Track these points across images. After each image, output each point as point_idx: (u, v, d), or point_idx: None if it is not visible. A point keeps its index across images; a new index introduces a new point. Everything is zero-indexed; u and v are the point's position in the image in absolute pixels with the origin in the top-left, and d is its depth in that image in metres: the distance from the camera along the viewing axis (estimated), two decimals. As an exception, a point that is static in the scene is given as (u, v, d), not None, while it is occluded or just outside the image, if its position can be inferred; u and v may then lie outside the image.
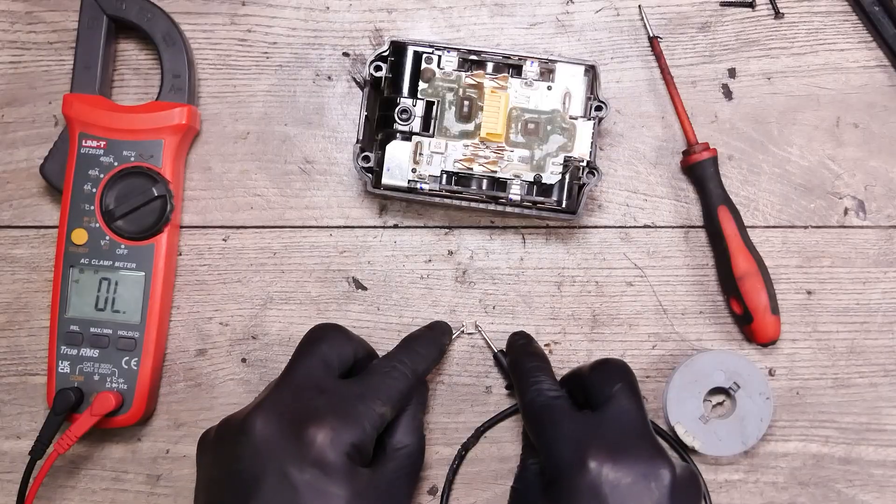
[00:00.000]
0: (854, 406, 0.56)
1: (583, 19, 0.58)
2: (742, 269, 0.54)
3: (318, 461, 0.43)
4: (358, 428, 0.44)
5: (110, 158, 0.54)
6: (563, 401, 0.48)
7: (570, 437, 0.45)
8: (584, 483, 0.43)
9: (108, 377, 0.53)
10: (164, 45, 0.55)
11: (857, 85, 0.57)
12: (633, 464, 0.44)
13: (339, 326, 0.50)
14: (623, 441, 0.45)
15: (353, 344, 0.50)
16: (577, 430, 0.46)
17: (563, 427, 0.46)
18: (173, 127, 0.54)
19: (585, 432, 0.45)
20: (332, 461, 0.43)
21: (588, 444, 0.44)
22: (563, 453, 0.45)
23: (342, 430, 0.44)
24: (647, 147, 0.57)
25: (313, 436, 0.43)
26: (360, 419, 0.45)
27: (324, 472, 0.43)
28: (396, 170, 0.53)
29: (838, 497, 0.56)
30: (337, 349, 0.48)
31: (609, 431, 0.45)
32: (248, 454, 0.43)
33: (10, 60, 0.57)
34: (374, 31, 0.58)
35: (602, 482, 0.43)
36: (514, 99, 0.52)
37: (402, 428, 0.49)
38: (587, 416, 0.47)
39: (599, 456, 0.44)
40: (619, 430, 0.45)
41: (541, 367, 0.51)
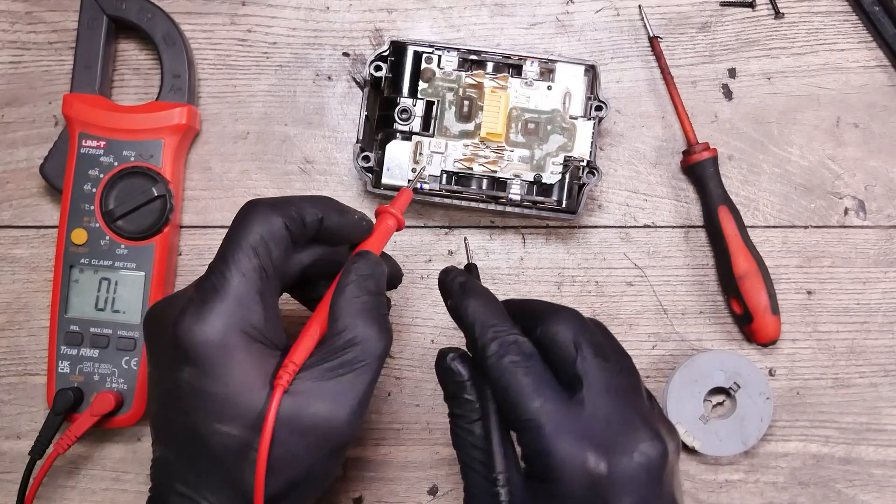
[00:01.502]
0: (854, 406, 0.56)
1: (583, 19, 0.58)
2: (742, 269, 0.54)
3: (190, 358, 0.38)
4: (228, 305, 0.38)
5: (110, 158, 0.54)
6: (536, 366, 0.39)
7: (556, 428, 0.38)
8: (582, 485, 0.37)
9: (108, 377, 0.53)
10: (163, 45, 0.55)
11: (857, 85, 0.57)
12: (628, 454, 0.37)
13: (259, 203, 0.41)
14: (610, 429, 0.38)
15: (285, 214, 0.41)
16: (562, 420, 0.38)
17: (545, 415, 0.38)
18: (173, 127, 0.54)
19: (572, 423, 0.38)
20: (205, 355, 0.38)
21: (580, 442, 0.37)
22: (551, 448, 0.37)
23: (207, 314, 0.38)
24: (647, 147, 0.57)
25: (179, 330, 0.38)
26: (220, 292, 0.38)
27: (200, 368, 0.38)
28: (396, 170, 0.53)
29: (838, 497, 0.56)
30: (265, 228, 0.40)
31: (594, 421, 0.38)
32: (147, 354, 0.42)
33: (10, 60, 0.57)
34: (374, 31, 0.58)
35: (600, 482, 0.37)
36: (514, 99, 0.52)
37: (336, 307, 0.40)
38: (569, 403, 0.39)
39: (592, 453, 0.37)
40: (603, 418, 0.38)
41: (496, 312, 0.41)
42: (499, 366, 0.39)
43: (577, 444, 0.37)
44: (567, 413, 0.38)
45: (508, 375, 0.39)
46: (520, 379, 0.38)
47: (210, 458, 0.39)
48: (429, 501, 0.56)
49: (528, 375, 0.39)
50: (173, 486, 0.40)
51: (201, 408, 0.38)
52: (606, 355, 0.40)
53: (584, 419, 0.38)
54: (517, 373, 0.39)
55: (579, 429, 0.38)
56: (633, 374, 0.41)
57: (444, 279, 0.44)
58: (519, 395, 0.38)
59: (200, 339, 0.38)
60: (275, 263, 0.40)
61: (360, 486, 0.55)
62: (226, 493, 0.39)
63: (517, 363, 0.39)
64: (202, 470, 0.39)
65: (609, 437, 0.38)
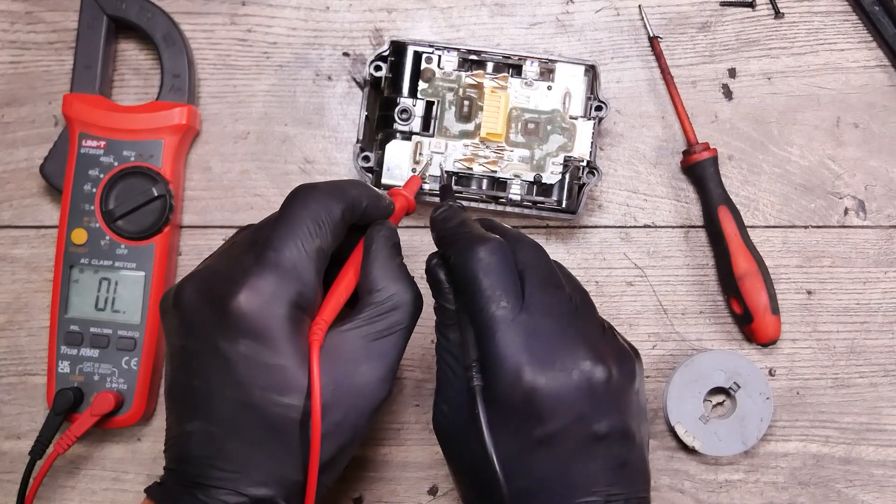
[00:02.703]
0: (854, 406, 0.56)
1: (583, 19, 0.58)
2: (742, 269, 0.54)
3: (250, 331, 0.38)
4: (283, 280, 0.39)
5: (110, 158, 0.54)
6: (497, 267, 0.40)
7: (501, 336, 0.39)
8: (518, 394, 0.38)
9: (108, 377, 0.53)
10: (163, 45, 0.55)
11: (857, 85, 0.57)
12: (566, 371, 0.38)
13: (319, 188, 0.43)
14: (551, 347, 0.39)
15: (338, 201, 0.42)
16: (508, 330, 0.39)
17: (495, 322, 0.39)
18: (173, 127, 0.54)
19: (517, 336, 0.39)
20: (266, 327, 0.38)
21: (520, 353, 0.38)
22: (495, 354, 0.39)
23: (268, 288, 0.39)
24: (647, 147, 0.57)
25: (238, 303, 0.38)
26: (281, 268, 0.39)
27: (259, 342, 0.39)
28: (396, 170, 0.53)
29: (838, 497, 0.56)
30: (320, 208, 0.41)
31: (538, 337, 0.39)
32: (183, 330, 0.40)
33: (10, 60, 0.57)
34: (374, 31, 0.58)
35: (536, 394, 0.38)
36: (514, 99, 0.52)
37: (374, 272, 0.42)
38: (519, 317, 0.39)
39: (530, 366, 0.38)
40: (546, 336, 0.39)
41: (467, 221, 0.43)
42: (464, 264, 0.40)
43: (517, 354, 0.38)
44: (514, 325, 0.39)
45: (471, 274, 0.40)
46: (481, 280, 0.39)
47: (267, 429, 0.39)
48: (429, 501, 0.56)
49: (489, 277, 0.40)
50: (213, 462, 0.39)
51: (259, 380, 0.39)
52: (556, 282, 0.41)
53: (528, 334, 0.39)
54: (480, 274, 0.40)
55: (523, 342, 0.39)
56: (585, 305, 0.42)
57: (432, 217, 0.46)
58: (479, 297, 0.39)
59: (264, 312, 0.39)
60: (331, 245, 0.42)
61: (360, 486, 0.56)
62: (276, 467, 0.40)
63: (481, 262, 0.40)
64: (255, 442, 0.39)
65: (549, 354, 0.39)
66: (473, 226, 0.43)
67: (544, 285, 0.40)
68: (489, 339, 0.39)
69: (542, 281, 0.41)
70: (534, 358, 0.38)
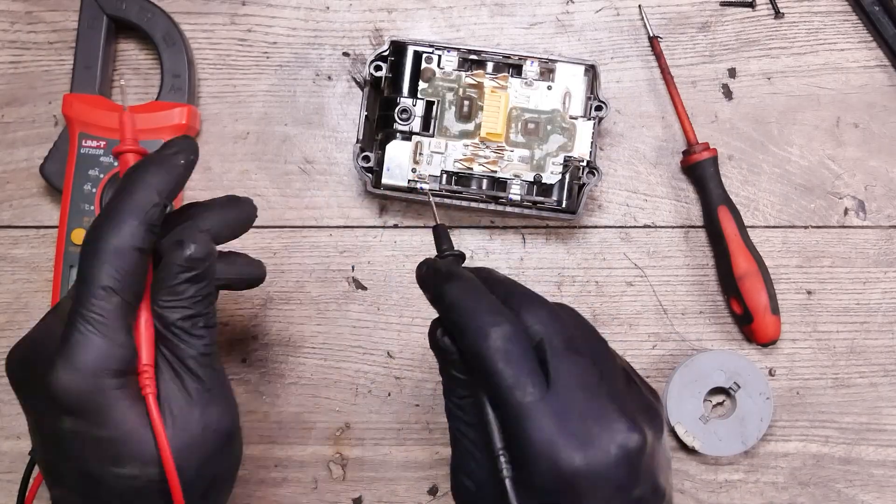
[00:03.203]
0: (854, 406, 0.56)
1: (583, 19, 0.58)
2: (742, 269, 0.54)
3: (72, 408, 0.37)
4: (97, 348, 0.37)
5: (110, 158, 0.54)
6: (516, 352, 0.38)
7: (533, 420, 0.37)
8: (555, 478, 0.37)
9: None
10: (163, 45, 0.55)
11: (857, 85, 0.57)
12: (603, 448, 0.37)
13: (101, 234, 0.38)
14: (585, 424, 0.37)
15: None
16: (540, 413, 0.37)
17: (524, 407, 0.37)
18: (173, 127, 0.54)
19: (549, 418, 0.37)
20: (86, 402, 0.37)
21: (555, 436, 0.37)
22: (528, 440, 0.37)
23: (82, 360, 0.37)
24: (647, 147, 0.57)
25: (54, 382, 0.36)
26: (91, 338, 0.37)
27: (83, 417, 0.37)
28: (396, 170, 0.53)
29: (838, 497, 0.56)
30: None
31: (570, 415, 0.37)
32: (19, 401, 0.40)
33: (10, 60, 0.57)
34: (374, 31, 0.58)
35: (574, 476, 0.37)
36: (514, 99, 0.52)
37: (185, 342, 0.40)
38: (546, 396, 0.37)
39: (566, 448, 0.36)
40: (577, 413, 0.37)
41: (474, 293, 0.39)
42: (480, 351, 0.38)
43: (551, 440, 0.37)
44: (543, 406, 0.37)
45: (490, 363, 0.38)
46: (502, 368, 0.37)
47: (116, 497, 0.38)
48: (429, 501, 0.56)
49: (510, 364, 0.38)
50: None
51: (92, 454, 0.38)
52: (578, 348, 0.39)
53: (559, 413, 0.37)
54: (498, 360, 0.37)
55: (553, 423, 0.37)
56: (606, 361, 0.40)
57: (419, 273, 0.42)
58: (502, 386, 0.38)
59: (77, 390, 0.37)
60: (135, 291, 0.39)
61: (360, 486, 0.56)
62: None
63: (499, 350, 0.38)
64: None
65: (584, 431, 0.37)
66: (476, 293, 0.39)
67: (566, 354, 0.38)
68: (519, 427, 0.37)
69: (564, 350, 0.38)
70: (569, 441, 0.37)
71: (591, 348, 0.40)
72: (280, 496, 0.55)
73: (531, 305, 0.40)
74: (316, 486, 0.56)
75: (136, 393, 0.38)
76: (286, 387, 0.56)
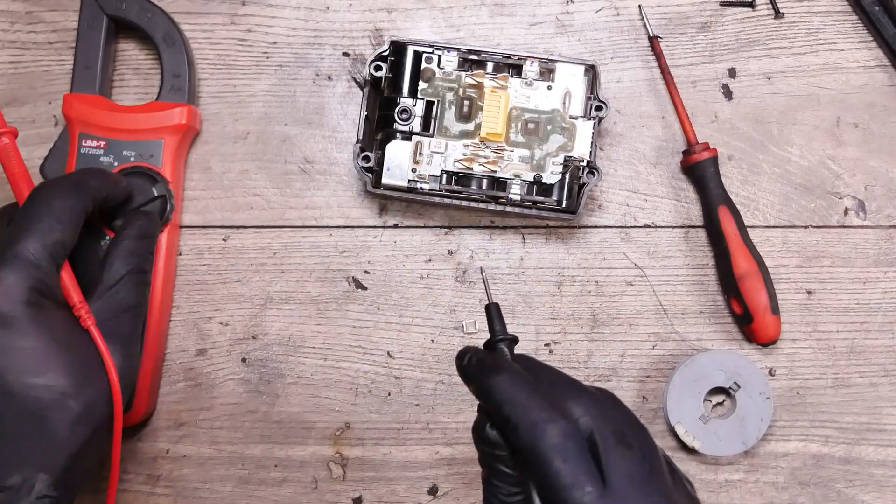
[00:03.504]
0: (854, 406, 0.56)
1: (583, 19, 0.58)
2: (742, 269, 0.54)
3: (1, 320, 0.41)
4: (23, 270, 0.42)
5: (110, 158, 0.54)
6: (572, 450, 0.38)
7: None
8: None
9: None
10: (163, 45, 0.55)
11: (857, 85, 0.57)
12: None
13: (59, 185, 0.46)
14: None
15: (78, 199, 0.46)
16: None
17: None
18: (173, 127, 0.54)
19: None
20: (9, 314, 0.41)
21: None
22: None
23: (8, 279, 0.41)
24: (647, 147, 0.57)
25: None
26: (21, 260, 0.42)
27: (6, 328, 0.41)
28: (396, 170, 0.53)
29: (838, 497, 0.56)
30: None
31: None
32: None
33: (10, 60, 0.57)
34: (374, 31, 0.58)
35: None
36: (514, 99, 0.52)
37: (114, 261, 0.47)
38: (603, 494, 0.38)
39: None
40: None
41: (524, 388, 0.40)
42: (536, 450, 0.38)
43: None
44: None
45: (546, 460, 0.37)
46: (558, 465, 0.37)
47: (26, 415, 0.41)
48: (429, 501, 0.56)
49: (567, 462, 0.37)
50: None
51: (13, 365, 0.41)
52: (628, 442, 0.39)
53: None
54: (555, 458, 0.37)
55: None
56: (653, 454, 0.40)
57: (460, 364, 0.42)
58: (557, 483, 0.37)
59: (8, 302, 0.41)
60: (72, 236, 0.44)
61: (360, 486, 0.56)
62: (37, 453, 0.41)
63: (555, 448, 0.37)
64: (14, 429, 0.40)
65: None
66: (527, 388, 0.39)
67: (618, 449, 0.38)
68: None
69: (615, 444, 0.38)
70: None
71: (637, 440, 0.40)
72: (280, 496, 0.55)
73: (577, 395, 0.40)
74: (316, 486, 0.56)
75: (57, 314, 0.43)
76: (286, 387, 0.56)
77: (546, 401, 0.39)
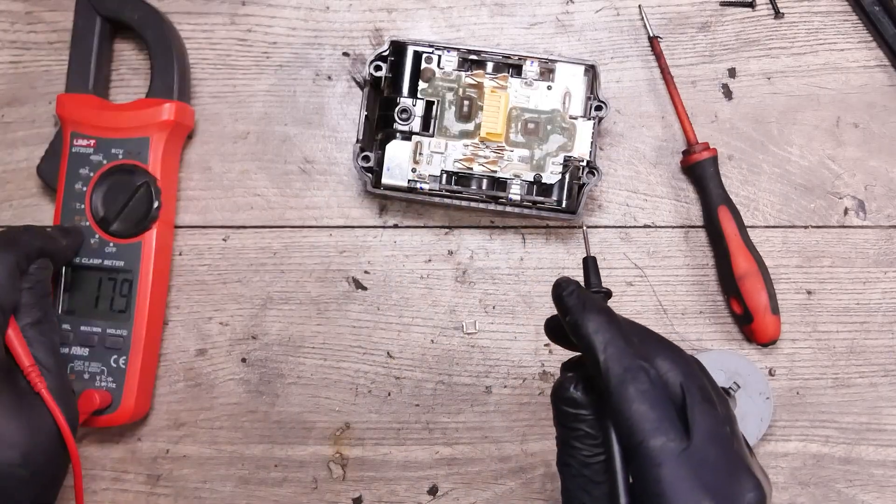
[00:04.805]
0: (854, 406, 0.56)
1: (583, 19, 0.58)
2: (742, 269, 0.54)
3: None
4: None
5: (100, 157, 0.53)
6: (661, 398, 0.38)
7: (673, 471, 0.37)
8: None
9: (97, 376, 0.53)
10: (153, 43, 0.55)
11: (857, 85, 0.57)
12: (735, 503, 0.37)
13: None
14: (719, 477, 0.37)
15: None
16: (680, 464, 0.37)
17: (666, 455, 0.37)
18: (160, 123, 0.54)
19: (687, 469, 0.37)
20: None
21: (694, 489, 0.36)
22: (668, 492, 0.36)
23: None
24: (647, 147, 0.57)
25: None
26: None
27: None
28: (396, 170, 0.53)
29: (838, 497, 0.56)
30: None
31: (706, 468, 0.37)
32: None
33: (10, 60, 0.57)
34: (374, 31, 0.58)
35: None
36: (514, 99, 0.52)
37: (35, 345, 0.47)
38: (685, 447, 0.37)
39: (704, 501, 0.36)
40: (712, 466, 0.37)
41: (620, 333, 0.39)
42: (625, 393, 0.37)
43: (691, 491, 0.36)
44: (684, 457, 0.37)
45: (635, 405, 0.37)
46: (645, 411, 0.37)
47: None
48: (429, 501, 0.56)
49: (654, 409, 0.37)
50: None
51: None
52: (712, 401, 0.39)
53: (697, 465, 0.37)
54: (644, 404, 0.37)
55: (693, 475, 0.37)
56: (732, 419, 0.40)
57: (559, 293, 0.41)
58: (642, 429, 0.37)
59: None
60: (8, 297, 0.45)
61: (360, 486, 0.56)
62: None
63: (645, 393, 0.37)
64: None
65: (719, 485, 0.37)
66: (624, 334, 0.39)
67: (703, 406, 0.38)
68: (655, 474, 0.36)
69: (701, 401, 0.38)
70: (705, 495, 0.36)
71: (720, 403, 0.39)
72: (280, 496, 0.55)
73: (668, 351, 0.40)
74: (316, 486, 0.56)
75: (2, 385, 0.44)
76: (286, 387, 0.56)
77: (639, 350, 0.39)
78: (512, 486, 0.55)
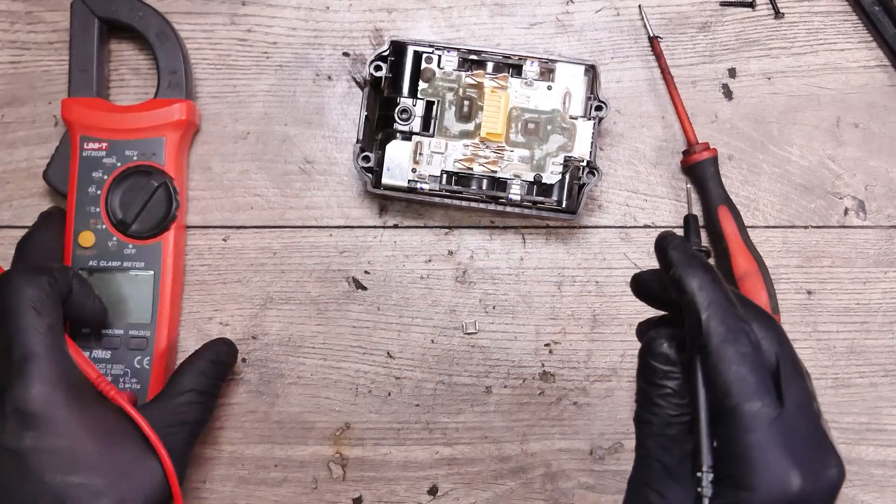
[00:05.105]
0: (854, 406, 0.56)
1: (583, 19, 0.58)
2: (742, 269, 0.54)
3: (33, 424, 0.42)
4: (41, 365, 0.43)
5: (113, 159, 0.54)
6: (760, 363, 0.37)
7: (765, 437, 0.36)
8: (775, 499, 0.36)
9: (120, 378, 0.53)
10: (157, 43, 0.55)
11: (857, 85, 0.57)
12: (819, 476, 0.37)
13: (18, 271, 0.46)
14: (806, 448, 0.37)
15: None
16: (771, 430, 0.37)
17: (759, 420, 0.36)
18: (174, 123, 0.54)
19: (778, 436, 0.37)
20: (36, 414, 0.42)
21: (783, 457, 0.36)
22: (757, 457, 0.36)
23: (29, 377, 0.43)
24: (647, 147, 0.57)
25: (19, 402, 0.43)
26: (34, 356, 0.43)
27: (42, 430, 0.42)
28: (396, 170, 0.53)
29: (838, 497, 0.56)
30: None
31: (794, 437, 0.37)
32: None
33: (10, 60, 0.57)
34: (374, 31, 0.58)
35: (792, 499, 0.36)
36: (514, 99, 0.52)
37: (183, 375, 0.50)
38: (778, 414, 0.37)
39: (792, 470, 0.36)
40: (800, 436, 0.37)
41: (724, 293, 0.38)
42: (724, 353, 0.37)
43: (780, 458, 0.36)
44: (776, 425, 0.36)
45: (734, 366, 0.37)
46: (744, 374, 0.36)
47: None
48: (429, 501, 0.56)
49: (753, 373, 0.37)
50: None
51: (49, 464, 0.42)
52: (803, 374, 0.39)
53: (786, 435, 0.37)
54: (744, 366, 0.37)
55: (783, 443, 0.36)
56: (815, 396, 0.40)
57: (665, 246, 0.41)
58: (739, 392, 0.36)
59: (37, 403, 0.42)
60: (56, 318, 0.45)
61: (360, 486, 0.56)
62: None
63: (745, 356, 0.37)
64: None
65: (805, 456, 0.37)
66: (729, 296, 0.38)
67: (796, 378, 0.38)
68: (745, 438, 0.36)
69: (794, 373, 0.38)
70: (794, 464, 0.36)
71: (807, 377, 0.39)
72: (280, 496, 0.55)
73: (765, 319, 0.39)
74: (316, 486, 0.56)
75: (83, 404, 0.44)
76: (286, 387, 0.56)
77: (741, 313, 0.38)
78: (512, 486, 0.55)
